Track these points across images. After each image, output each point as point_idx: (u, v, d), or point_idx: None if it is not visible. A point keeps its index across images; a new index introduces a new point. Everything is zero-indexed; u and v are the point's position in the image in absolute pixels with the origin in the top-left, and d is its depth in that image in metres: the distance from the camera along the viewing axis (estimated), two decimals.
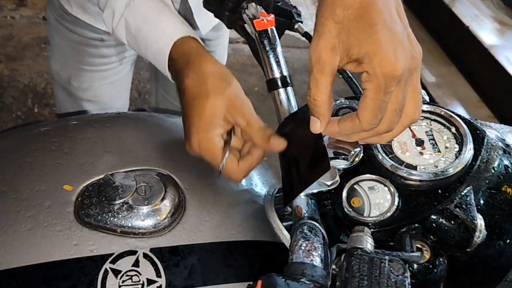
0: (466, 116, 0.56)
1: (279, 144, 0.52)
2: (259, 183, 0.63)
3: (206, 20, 0.92)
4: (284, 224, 0.58)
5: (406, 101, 0.45)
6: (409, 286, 0.35)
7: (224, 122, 0.54)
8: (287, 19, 0.64)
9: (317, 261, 0.39)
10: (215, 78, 0.55)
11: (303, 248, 0.41)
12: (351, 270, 0.35)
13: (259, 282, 0.35)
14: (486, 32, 2.76)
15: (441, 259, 0.49)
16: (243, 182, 0.62)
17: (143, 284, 0.48)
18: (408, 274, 0.36)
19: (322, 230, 0.45)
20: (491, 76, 2.57)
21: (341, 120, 0.47)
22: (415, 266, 0.49)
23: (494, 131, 0.58)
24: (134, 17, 0.62)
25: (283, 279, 0.35)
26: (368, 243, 0.40)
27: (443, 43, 2.90)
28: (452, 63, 2.81)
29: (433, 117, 0.54)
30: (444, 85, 2.65)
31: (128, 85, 1.13)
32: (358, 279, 0.34)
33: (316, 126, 0.48)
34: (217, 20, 0.67)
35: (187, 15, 0.90)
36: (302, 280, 0.36)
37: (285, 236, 0.55)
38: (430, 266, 0.49)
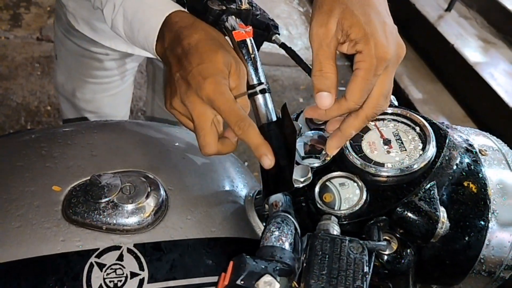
0: None
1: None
2: (240, 185, 0.66)
3: None
4: (263, 224, 0.61)
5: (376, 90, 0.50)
6: (367, 263, 0.38)
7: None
8: (265, 31, 0.68)
9: (286, 245, 0.42)
10: (221, 37, 0.57)
11: (274, 235, 0.44)
12: (314, 250, 0.38)
13: (231, 263, 0.38)
14: (471, 50, 2.84)
15: (408, 250, 0.52)
16: (225, 183, 0.65)
17: (126, 277, 0.50)
18: (366, 252, 0.39)
19: (294, 221, 0.48)
20: (476, 92, 2.64)
21: None
22: (385, 257, 0.52)
23: (459, 132, 0.61)
24: (131, 3, 0.63)
25: (253, 259, 0.38)
26: (335, 230, 0.43)
27: (429, 61, 2.98)
28: (438, 80, 2.88)
29: (399, 118, 0.58)
30: (430, 101, 2.72)
31: (128, 98, 1.18)
32: (321, 257, 0.37)
33: (327, 101, 0.50)
34: None
35: None
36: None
37: None
38: (398, 257, 0.52)
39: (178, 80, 0.53)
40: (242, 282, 0.36)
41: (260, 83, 0.62)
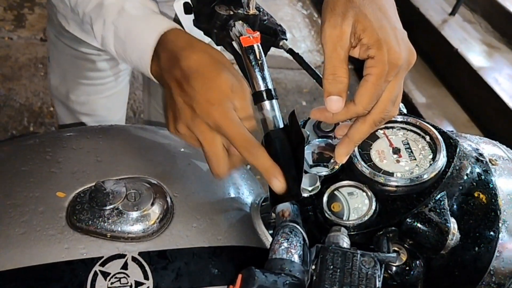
0: None
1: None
2: (246, 192, 0.65)
3: None
4: (270, 232, 0.61)
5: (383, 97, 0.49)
6: (379, 278, 0.37)
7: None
8: (272, 36, 0.68)
9: (295, 258, 0.41)
10: (221, 57, 0.55)
11: (283, 246, 0.43)
12: (325, 263, 0.37)
13: (239, 276, 0.37)
14: (475, 54, 2.84)
15: (417, 262, 0.52)
16: (231, 190, 0.64)
17: (131, 286, 0.49)
18: (378, 267, 0.38)
19: (303, 232, 0.47)
20: (480, 96, 2.63)
21: None
22: (394, 268, 0.51)
23: (469, 141, 0.61)
24: (124, 22, 0.61)
25: (262, 272, 0.37)
26: (345, 242, 0.42)
27: (432, 65, 2.97)
28: (442, 84, 2.87)
29: (409, 127, 0.57)
30: (434, 106, 2.71)
31: (124, 101, 1.17)
32: (332, 271, 0.37)
33: (337, 104, 0.49)
34: (208, 40, 0.70)
35: None
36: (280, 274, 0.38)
37: (270, 242, 0.57)
38: (407, 268, 0.51)
39: (181, 105, 0.53)
40: None
41: (268, 89, 0.61)
